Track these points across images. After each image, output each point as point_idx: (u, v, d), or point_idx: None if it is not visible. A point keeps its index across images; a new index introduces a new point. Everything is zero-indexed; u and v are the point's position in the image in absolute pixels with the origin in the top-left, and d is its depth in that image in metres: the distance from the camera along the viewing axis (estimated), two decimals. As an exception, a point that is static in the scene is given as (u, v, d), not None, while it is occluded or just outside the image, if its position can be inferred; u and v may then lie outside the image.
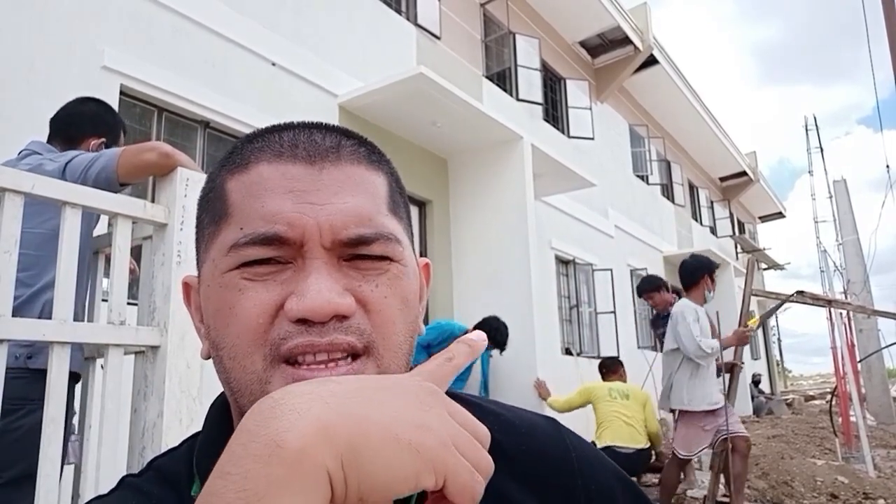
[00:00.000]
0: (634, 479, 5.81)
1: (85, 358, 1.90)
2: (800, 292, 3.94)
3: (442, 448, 0.32)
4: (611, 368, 5.97)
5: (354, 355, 0.44)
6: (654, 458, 5.66)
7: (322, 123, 0.50)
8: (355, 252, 0.45)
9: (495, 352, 6.23)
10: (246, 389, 0.44)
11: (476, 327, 5.38)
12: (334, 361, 0.43)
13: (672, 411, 4.32)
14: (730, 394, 4.14)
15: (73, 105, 2.20)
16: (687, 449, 4.11)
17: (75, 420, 1.88)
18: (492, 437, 0.55)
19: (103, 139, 2.15)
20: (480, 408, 0.59)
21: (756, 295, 3.88)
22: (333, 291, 0.42)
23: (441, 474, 0.31)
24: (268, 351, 0.43)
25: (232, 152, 0.50)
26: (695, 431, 4.08)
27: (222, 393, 0.50)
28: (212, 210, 0.49)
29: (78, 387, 1.91)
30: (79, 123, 2.15)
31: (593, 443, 5.48)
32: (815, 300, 3.65)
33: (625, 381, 5.85)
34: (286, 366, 0.42)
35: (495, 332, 5.41)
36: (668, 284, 5.32)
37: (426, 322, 6.67)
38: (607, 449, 5.33)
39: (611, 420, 5.41)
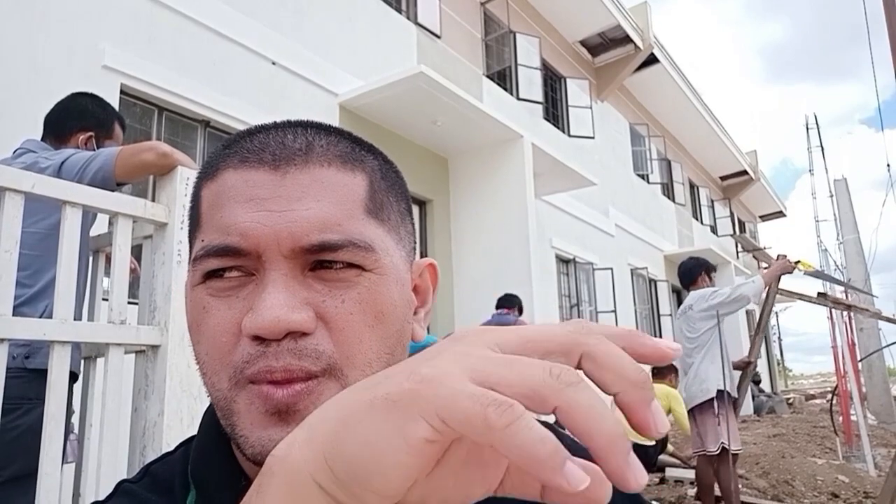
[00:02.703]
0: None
1: (84, 357, 1.90)
2: (821, 294, 3.88)
3: (429, 383, 0.24)
4: (658, 372, 6.04)
5: (311, 376, 0.41)
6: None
7: (301, 122, 0.48)
8: (319, 258, 0.42)
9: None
10: (217, 405, 0.44)
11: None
12: (290, 382, 0.41)
13: (699, 406, 3.96)
14: (741, 393, 4.00)
15: (63, 101, 2.18)
16: (738, 441, 3.82)
17: (74, 419, 1.88)
18: None
19: (91, 133, 2.12)
20: None
21: (781, 293, 3.77)
22: (287, 306, 0.40)
23: (431, 414, 0.23)
24: (232, 373, 0.42)
25: (208, 160, 0.48)
26: (735, 417, 3.83)
27: None
28: (191, 221, 0.49)
29: (76, 386, 1.92)
30: (65, 119, 2.12)
31: None
32: (836, 304, 3.61)
33: (673, 385, 5.88)
34: (251, 385, 0.41)
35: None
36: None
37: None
38: None
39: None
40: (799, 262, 3.89)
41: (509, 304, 5.37)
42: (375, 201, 0.46)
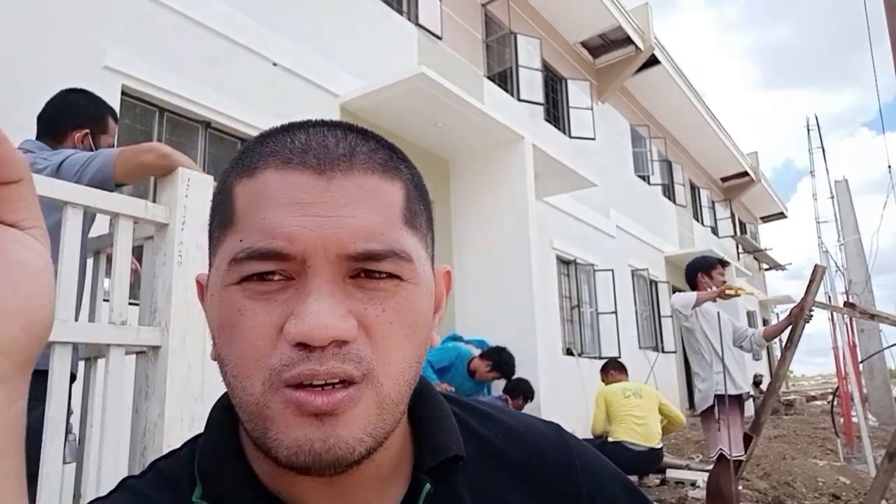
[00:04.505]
0: (640, 477, 5.74)
1: (85, 358, 1.90)
2: (849, 305, 3.87)
3: None
4: (622, 369, 6.09)
5: (351, 381, 0.42)
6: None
7: (339, 124, 0.48)
8: (363, 267, 0.43)
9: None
10: (245, 409, 0.43)
11: (483, 356, 5.43)
12: (331, 385, 0.41)
13: (703, 412, 3.95)
14: (763, 413, 3.80)
15: (54, 99, 2.17)
16: (739, 447, 3.75)
17: (72, 419, 1.88)
18: (494, 443, 0.55)
19: (86, 130, 2.12)
20: (482, 414, 0.58)
21: (817, 305, 3.75)
22: (334, 315, 0.40)
23: None
24: (267, 376, 0.41)
25: (243, 153, 0.48)
26: (739, 422, 3.79)
27: (224, 395, 0.49)
28: (220, 214, 0.47)
29: (75, 387, 1.91)
30: (59, 117, 2.12)
31: (602, 438, 5.55)
32: (863, 314, 3.58)
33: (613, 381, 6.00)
34: (286, 388, 0.41)
35: (503, 364, 5.41)
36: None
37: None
38: (618, 445, 5.41)
39: (623, 418, 5.52)
40: (737, 290, 4.10)
41: (514, 392, 5.47)
42: (411, 210, 0.47)
